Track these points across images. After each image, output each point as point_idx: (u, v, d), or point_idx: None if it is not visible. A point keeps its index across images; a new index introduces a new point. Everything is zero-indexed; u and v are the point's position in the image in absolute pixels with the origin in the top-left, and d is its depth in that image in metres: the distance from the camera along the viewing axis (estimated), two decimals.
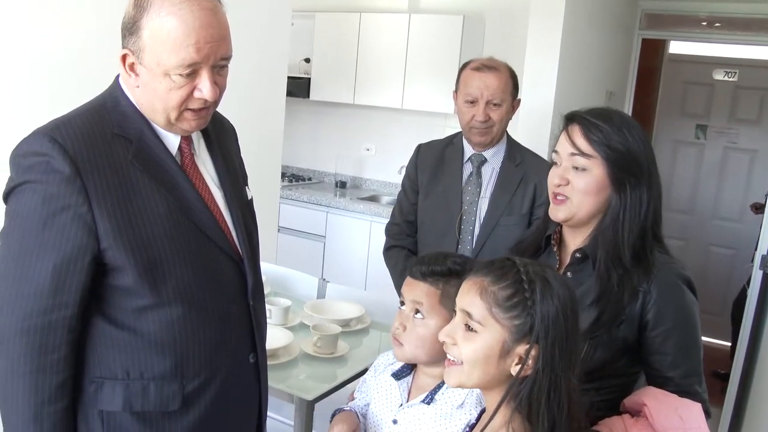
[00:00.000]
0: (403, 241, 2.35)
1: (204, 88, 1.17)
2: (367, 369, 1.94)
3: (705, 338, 1.40)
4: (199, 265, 1.24)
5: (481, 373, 1.08)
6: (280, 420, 2.55)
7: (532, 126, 3.48)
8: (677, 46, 5.24)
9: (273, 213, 3.33)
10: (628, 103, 4.89)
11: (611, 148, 1.34)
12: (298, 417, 1.81)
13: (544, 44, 3.54)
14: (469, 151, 2.26)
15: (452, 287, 1.25)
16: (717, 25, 4.64)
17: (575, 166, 1.37)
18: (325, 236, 4.65)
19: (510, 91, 2.18)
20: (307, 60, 4.93)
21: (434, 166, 2.30)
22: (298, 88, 4.84)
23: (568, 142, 1.38)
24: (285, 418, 2.51)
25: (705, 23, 4.68)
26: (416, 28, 4.46)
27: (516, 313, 1.06)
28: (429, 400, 1.34)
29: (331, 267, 4.61)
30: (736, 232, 5.10)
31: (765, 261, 2.83)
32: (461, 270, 1.31)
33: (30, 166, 1.13)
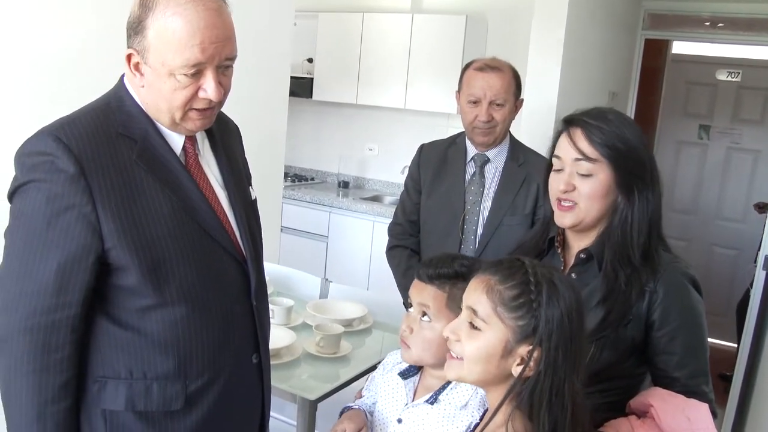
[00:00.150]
0: (406, 241, 2.35)
1: (208, 88, 1.17)
2: (370, 369, 1.95)
3: (709, 339, 1.40)
4: (203, 265, 1.24)
5: (482, 371, 1.09)
6: (282, 420, 2.55)
7: (535, 126, 3.47)
8: (680, 46, 5.23)
9: (276, 213, 3.34)
10: (631, 103, 4.88)
11: (614, 148, 1.34)
12: (300, 417, 1.81)
13: (547, 44, 3.54)
14: (472, 151, 2.26)
15: (459, 290, 1.25)
16: (720, 25, 4.63)
17: (580, 172, 1.36)
18: (327, 236, 4.66)
19: (513, 91, 2.18)
20: (310, 60, 4.93)
21: (437, 166, 2.30)
22: (301, 88, 4.84)
23: (572, 147, 1.36)
24: (288, 418, 2.51)
25: (708, 23, 4.67)
26: (419, 28, 4.46)
27: (521, 314, 1.06)
28: (433, 400, 1.34)
29: (334, 267, 4.61)
30: (739, 232, 5.09)
31: None
32: (468, 272, 1.31)
33: (34, 166, 1.13)
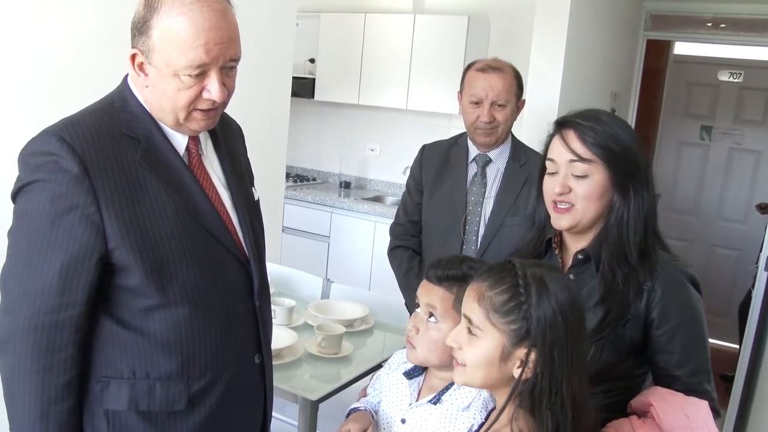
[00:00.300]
0: (408, 242, 2.35)
1: (212, 89, 1.18)
2: (372, 369, 1.95)
3: (710, 340, 1.40)
4: (206, 266, 1.24)
5: (485, 376, 1.10)
6: (284, 420, 2.55)
7: (537, 126, 3.45)
8: (682, 47, 5.23)
9: (277, 213, 3.34)
10: (633, 104, 4.88)
11: (608, 149, 1.34)
12: (302, 417, 1.81)
13: (549, 45, 3.54)
14: (473, 151, 2.26)
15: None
16: (722, 25, 4.63)
17: (575, 173, 1.36)
18: (329, 236, 4.66)
19: (514, 91, 2.18)
20: (312, 60, 4.93)
21: (439, 166, 2.30)
22: (303, 88, 4.84)
23: (566, 149, 1.36)
24: (289, 419, 2.51)
25: (710, 24, 4.67)
26: (421, 28, 4.46)
27: (512, 318, 1.07)
28: (436, 401, 1.34)
29: (336, 267, 4.61)
30: (741, 233, 5.09)
31: None
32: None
33: (38, 166, 1.13)
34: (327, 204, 4.64)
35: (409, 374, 1.43)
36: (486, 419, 1.22)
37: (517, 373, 1.07)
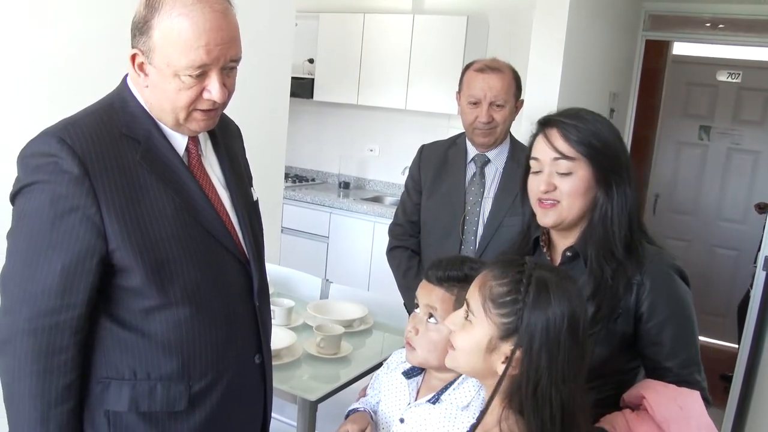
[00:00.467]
0: (407, 242, 2.35)
1: (213, 89, 1.18)
2: (371, 369, 1.95)
3: (709, 340, 1.41)
4: (206, 266, 1.24)
5: (471, 362, 1.12)
6: (283, 421, 2.55)
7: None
8: (681, 47, 5.24)
9: (276, 213, 3.34)
10: (632, 104, 4.88)
11: (591, 146, 1.36)
12: (301, 418, 1.81)
13: (548, 45, 3.54)
14: (472, 151, 2.27)
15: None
16: (721, 26, 4.63)
17: (559, 171, 1.38)
18: (328, 237, 4.66)
19: (513, 92, 2.18)
20: (311, 60, 4.93)
21: (437, 166, 2.30)
22: (302, 88, 4.84)
23: (549, 147, 1.39)
24: (288, 419, 2.51)
25: (709, 24, 4.68)
26: (420, 28, 4.46)
27: (505, 311, 1.07)
28: (435, 400, 1.34)
29: (335, 267, 4.61)
30: (740, 233, 5.10)
31: None
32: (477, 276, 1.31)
33: (38, 167, 1.13)
34: (326, 204, 4.64)
35: (408, 374, 1.43)
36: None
37: (500, 368, 1.07)
